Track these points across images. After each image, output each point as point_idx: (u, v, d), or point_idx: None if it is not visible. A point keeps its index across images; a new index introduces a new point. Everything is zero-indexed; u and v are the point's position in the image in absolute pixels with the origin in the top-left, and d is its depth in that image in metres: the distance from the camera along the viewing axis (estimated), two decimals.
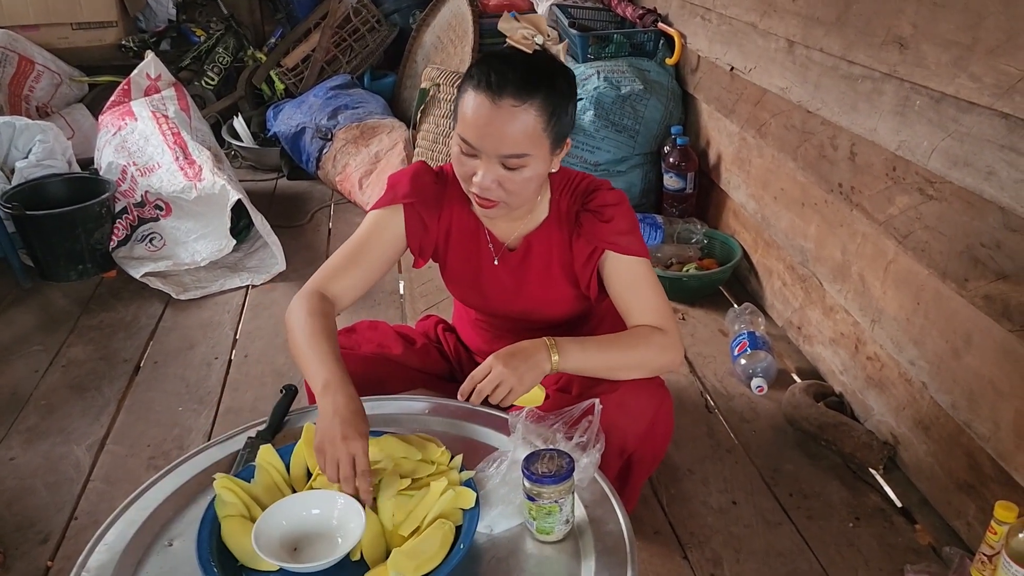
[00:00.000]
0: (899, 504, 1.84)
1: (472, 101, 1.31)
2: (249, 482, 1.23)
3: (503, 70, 1.29)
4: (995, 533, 1.43)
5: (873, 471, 1.92)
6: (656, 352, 1.42)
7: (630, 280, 1.48)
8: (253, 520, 1.14)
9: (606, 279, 1.50)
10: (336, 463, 1.17)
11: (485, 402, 1.33)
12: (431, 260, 1.61)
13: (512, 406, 1.35)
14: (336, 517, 1.16)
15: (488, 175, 1.34)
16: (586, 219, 1.49)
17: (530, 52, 1.37)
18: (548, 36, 1.41)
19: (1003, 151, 1.51)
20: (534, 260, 1.53)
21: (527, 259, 1.54)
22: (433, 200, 1.53)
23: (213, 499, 1.19)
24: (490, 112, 1.29)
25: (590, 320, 1.66)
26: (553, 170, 1.43)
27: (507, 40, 1.41)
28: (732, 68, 2.71)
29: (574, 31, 3.17)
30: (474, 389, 1.31)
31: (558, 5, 3.43)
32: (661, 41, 3.18)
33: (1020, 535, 1.35)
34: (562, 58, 1.42)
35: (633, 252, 1.48)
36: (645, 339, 1.42)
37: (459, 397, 1.33)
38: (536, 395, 1.37)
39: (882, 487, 1.89)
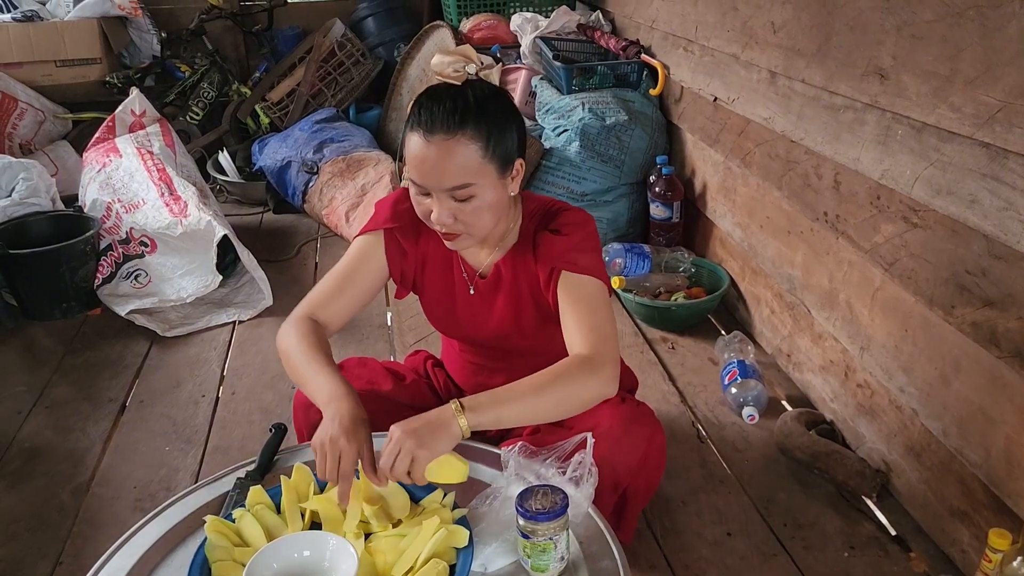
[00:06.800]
0: (893, 532, 1.83)
1: (411, 142, 1.35)
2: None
3: (430, 106, 1.33)
4: (990, 561, 1.42)
5: (866, 499, 1.92)
6: (578, 387, 1.30)
7: (575, 297, 1.41)
8: (244, 565, 1.12)
9: (558, 298, 1.44)
10: (332, 461, 1.19)
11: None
12: (411, 291, 1.61)
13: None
14: (328, 559, 1.14)
15: (442, 211, 1.36)
16: (543, 238, 1.47)
17: (459, 84, 1.39)
18: (481, 64, 1.43)
19: (985, 180, 1.52)
20: (504, 286, 1.53)
21: (498, 286, 1.54)
22: (412, 227, 1.54)
23: (203, 543, 1.17)
24: (426, 150, 1.32)
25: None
26: (512, 193, 1.43)
27: (438, 77, 1.42)
28: (715, 99, 2.74)
29: (558, 63, 3.20)
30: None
31: (542, 38, 3.47)
32: (644, 72, 3.22)
33: (1014, 563, 1.35)
34: (496, 81, 1.43)
35: (586, 270, 1.42)
36: (566, 375, 1.31)
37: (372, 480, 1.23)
38: (457, 468, 1.23)
39: (876, 515, 1.88)
